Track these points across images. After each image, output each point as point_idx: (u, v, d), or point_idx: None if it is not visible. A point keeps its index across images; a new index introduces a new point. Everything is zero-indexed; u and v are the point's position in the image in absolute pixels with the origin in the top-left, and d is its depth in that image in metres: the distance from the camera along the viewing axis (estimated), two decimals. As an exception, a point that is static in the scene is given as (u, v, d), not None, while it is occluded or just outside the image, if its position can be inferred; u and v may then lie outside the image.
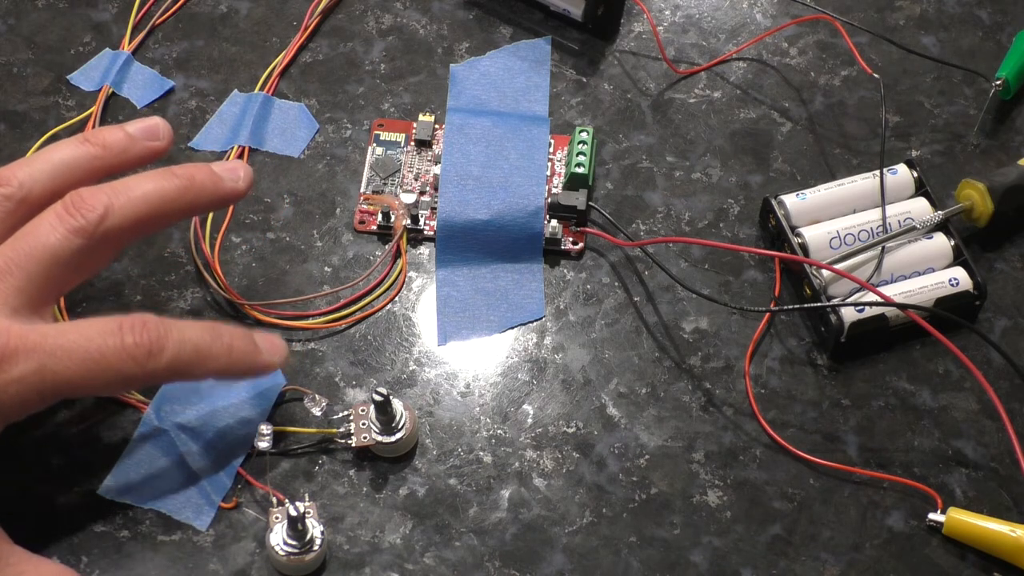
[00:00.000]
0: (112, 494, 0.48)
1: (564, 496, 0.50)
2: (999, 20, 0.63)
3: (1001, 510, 0.49)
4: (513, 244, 0.55)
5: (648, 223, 0.56)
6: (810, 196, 0.55)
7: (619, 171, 0.58)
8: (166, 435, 0.49)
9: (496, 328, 0.54)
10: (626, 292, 0.55)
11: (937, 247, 0.54)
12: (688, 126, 0.59)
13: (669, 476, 0.50)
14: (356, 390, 0.52)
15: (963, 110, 0.60)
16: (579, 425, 0.51)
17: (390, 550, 0.48)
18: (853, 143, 0.59)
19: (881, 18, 0.63)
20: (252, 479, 0.49)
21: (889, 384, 0.52)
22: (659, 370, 0.53)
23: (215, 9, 0.63)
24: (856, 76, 0.61)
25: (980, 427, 0.51)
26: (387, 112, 0.60)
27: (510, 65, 0.61)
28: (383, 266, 0.55)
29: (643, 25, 0.62)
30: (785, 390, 0.52)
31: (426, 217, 0.56)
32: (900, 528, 0.49)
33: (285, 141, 0.59)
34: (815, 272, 0.53)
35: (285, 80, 0.60)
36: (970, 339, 0.53)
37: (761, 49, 0.62)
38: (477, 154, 0.57)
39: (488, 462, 0.50)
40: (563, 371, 0.53)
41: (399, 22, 0.62)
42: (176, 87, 0.60)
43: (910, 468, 0.50)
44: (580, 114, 0.60)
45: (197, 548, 0.48)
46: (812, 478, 0.50)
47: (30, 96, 0.59)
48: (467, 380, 0.52)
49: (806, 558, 0.48)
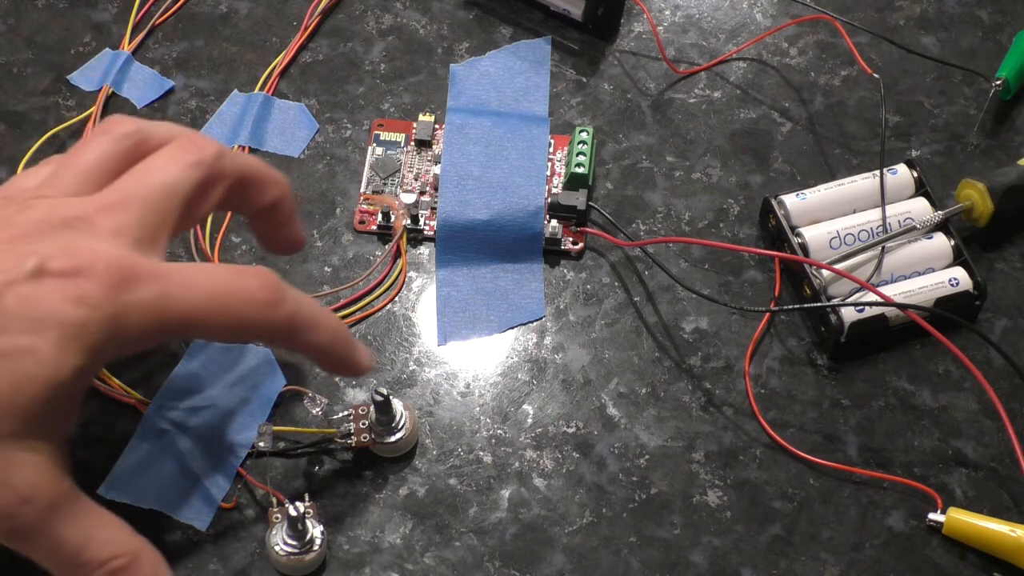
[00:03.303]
0: (112, 494, 0.48)
1: (564, 496, 0.50)
2: (999, 20, 0.63)
3: (1001, 510, 0.49)
4: (513, 244, 0.55)
5: (648, 223, 0.56)
6: (810, 196, 0.55)
7: (619, 171, 0.58)
8: (166, 435, 0.49)
9: (496, 328, 0.54)
10: (626, 292, 0.55)
11: (937, 247, 0.54)
12: (688, 126, 0.59)
13: (669, 476, 0.50)
14: (356, 390, 0.52)
15: (963, 110, 0.60)
16: (579, 425, 0.51)
17: (390, 550, 0.48)
18: (853, 143, 0.59)
19: (881, 18, 0.63)
20: (252, 479, 0.49)
21: (889, 384, 0.52)
22: (659, 370, 0.53)
23: (215, 9, 0.63)
24: (856, 76, 0.61)
25: (980, 427, 0.51)
26: (387, 112, 0.60)
27: (510, 65, 0.61)
28: (383, 266, 0.55)
29: (643, 25, 0.62)
30: (785, 390, 0.52)
31: (426, 217, 0.56)
32: (900, 528, 0.49)
33: (285, 141, 0.59)
34: (815, 272, 0.53)
35: (285, 80, 0.60)
36: (970, 339, 0.53)
37: (761, 49, 0.62)
38: (477, 154, 0.57)
39: (488, 462, 0.50)
40: (563, 371, 0.53)
41: (399, 22, 0.62)
42: (176, 87, 0.60)
43: (910, 468, 0.50)
44: (580, 114, 0.60)
45: (197, 548, 0.48)
46: (812, 478, 0.50)
47: (30, 96, 0.59)
48: (467, 380, 0.52)
49: (806, 558, 0.48)
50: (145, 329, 0.40)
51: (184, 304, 0.41)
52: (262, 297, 0.42)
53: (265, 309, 0.42)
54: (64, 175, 0.42)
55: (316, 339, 0.44)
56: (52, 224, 0.40)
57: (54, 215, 0.40)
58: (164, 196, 0.42)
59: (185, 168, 0.43)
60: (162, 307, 0.40)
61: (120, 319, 0.39)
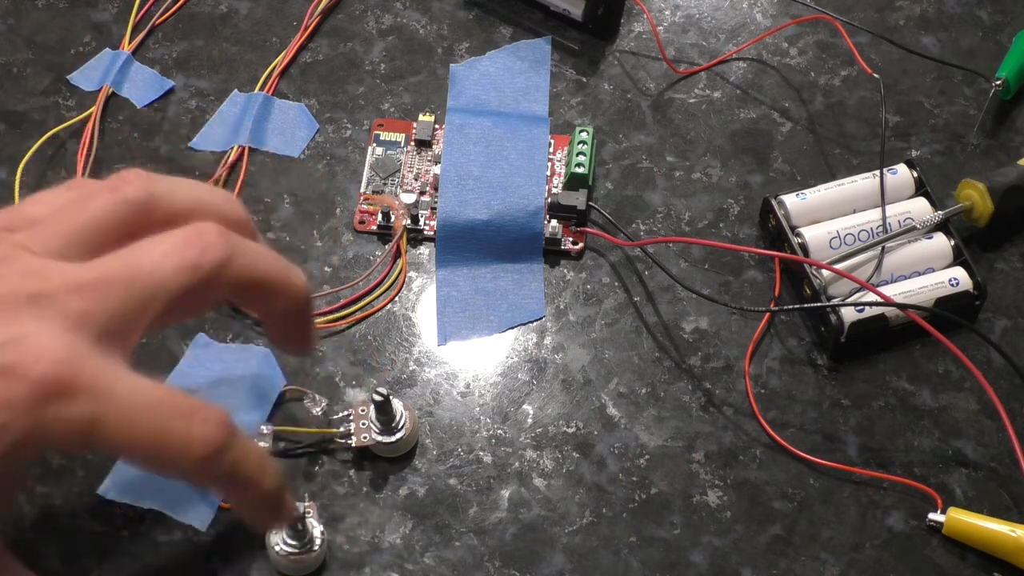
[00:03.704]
0: (112, 494, 0.48)
1: (564, 496, 0.50)
2: (999, 20, 0.63)
3: (1001, 510, 0.49)
4: (513, 244, 0.55)
5: (648, 223, 0.56)
6: (810, 196, 0.55)
7: (619, 171, 0.58)
8: (166, 435, 0.49)
9: (496, 328, 0.54)
10: (626, 292, 0.55)
11: (937, 247, 0.54)
12: (688, 126, 0.59)
13: (669, 476, 0.50)
14: (356, 390, 0.52)
15: (963, 110, 0.60)
16: (579, 425, 0.51)
17: (390, 550, 0.48)
18: (853, 143, 0.59)
19: (881, 18, 0.63)
20: (252, 479, 0.49)
21: (889, 384, 0.52)
22: (659, 370, 0.53)
23: (215, 9, 0.63)
24: (856, 76, 0.61)
25: (980, 427, 0.51)
26: (387, 112, 0.60)
27: (510, 65, 0.61)
28: (383, 266, 0.55)
29: (643, 25, 0.62)
30: (785, 390, 0.52)
31: (426, 217, 0.56)
32: (900, 528, 0.49)
33: (285, 141, 0.59)
34: (815, 272, 0.53)
35: (285, 80, 0.60)
36: (970, 339, 0.53)
37: (761, 49, 0.62)
38: (477, 154, 0.57)
39: (488, 462, 0.50)
40: (563, 371, 0.53)
41: (399, 22, 0.62)
42: (176, 87, 0.60)
43: (910, 468, 0.50)
44: (580, 114, 0.60)
45: (197, 548, 0.48)
46: (812, 478, 0.50)
47: (30, 96, 0.59)
48: (467, 380, 0.52)
49: (806, 558, 0.48)
50: (68, 443, 0.38)
51: (113, 435, 0.37)
52: (198, 453, 0.38)
53: (198, 465, 0.38)
54: (64, 222, 0.40)
55: (246, 497, 0.41)
56: (17, 299, 0.37)
57: (24, 287, 0.37)
58: (148, 292, 0.39)
59: (180, 268, 0.39)
60: (88, 429, 0.37)
61: (41, 429, 0.36)
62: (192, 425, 0.38)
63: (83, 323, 0.37)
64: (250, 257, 0.41)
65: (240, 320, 0.53)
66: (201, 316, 0.52)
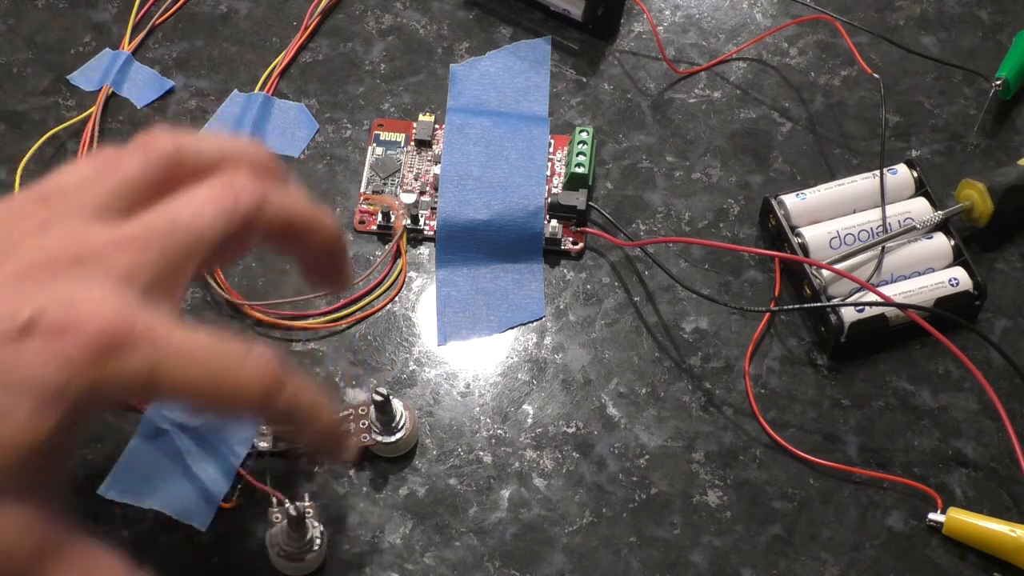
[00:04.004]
0: (112, 494, 0.48)
1: (564, 496, 0.50)
2: (999, 20, 0.63)
3: (1001, 510, 0.49)
4: (513, 244, 0.55)
5: (648, 223, 0.56)
6: (810, 196, 0.55)
7: (619, 171, 0.58)
8: (166, 435, 0.49)
9: (496, 328, 0.54)
10: (626, 292, 0.55)
11: (937, 247, 0.54)
12: (688, 126, 0.59)
13: (669, 476, 0.50)
14: (356, 390, 0.52)
15: (963, 110, 0.60)
16: (579, 425, 0.51)
17: (390, 550, 0.48)
18: (853, 143, 0.59)
19: (881, 18, 0.63)
20: (252, 479, 0.49)
21: (889, 384, 0.52)
22: (659, 370, 0.53)
23: (215, 9, 0.63)
24: (856, 76, 0.61)
25: (980, 427, 0.51)
26: (387, 112, 0.60)
27: (510, 65, 0.61)
28: (383, 266, 0.55)
29: (643, 25, 0.62)
30: (785, 390, 0.52)
31: (426, 217, 0.56)
32: (900, 528, 0.49)
33: (285, 141, 0.59)
34: (815, 272, 0.53)
35: (285, 80, 0.60)
36: (970, 339, 0.53)
37: (761, 49, 0.62)
38: (477, 154, 0.57)
39: (488, 462, 0.50)
40: (563, 371, 0.53)
41: (399, 22, 0.62)
42: (176, 87, 0.60)
43: (910, 468, 0.50)
44: (580, 114, 0.60)
45: (197, 548, 0.48)
46: (812, 478, 0.50)
47: (30, 96, 0.59)
48: (467, 380, 0.52)
49: (806, 558, 0.48)
50: (130, 394, 0.39)
51: (173, 379, 0.38)
52: (257, 389, 0.39)
53: (257, 401, 0.40)
54: (97, 186, 0.40)
55: (306, 431, 0.43)
56: (61, 262, 0.38)
57: (67, 250, 0.38)
58: (189, 241, 0.39)
59: (219, 214, 0.40)
60: (150, 378, 0.38)
61: (103, 383, 0.37)
62: (246, 366, 0.39)
63: (130, 278, 0.38)
64: (283, 199, 0.42)
65: (240, 320, 0.53)
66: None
